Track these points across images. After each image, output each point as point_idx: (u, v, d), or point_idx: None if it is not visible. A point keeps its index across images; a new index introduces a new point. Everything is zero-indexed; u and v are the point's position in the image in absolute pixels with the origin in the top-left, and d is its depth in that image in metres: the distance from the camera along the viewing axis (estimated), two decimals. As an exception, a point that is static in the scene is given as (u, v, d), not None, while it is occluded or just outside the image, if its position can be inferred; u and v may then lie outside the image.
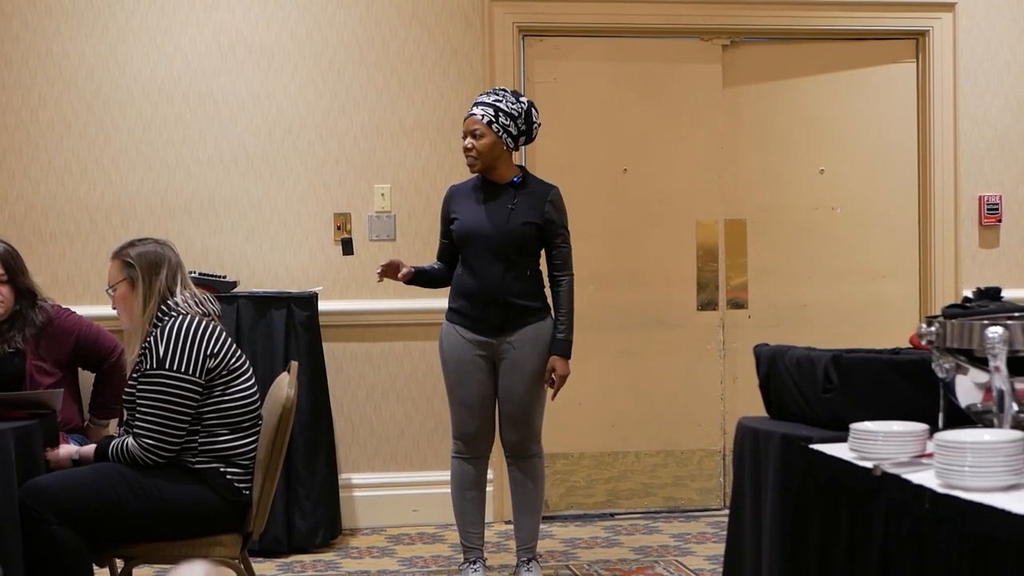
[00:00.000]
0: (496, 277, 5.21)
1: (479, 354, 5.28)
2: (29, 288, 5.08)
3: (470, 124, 5.23)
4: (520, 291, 5.25)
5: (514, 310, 5.24)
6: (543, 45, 6.82)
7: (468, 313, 5.27)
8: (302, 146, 6.62)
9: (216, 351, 4.26)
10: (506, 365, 5.28)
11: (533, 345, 5.27)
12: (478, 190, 5.32)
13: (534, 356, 5.27)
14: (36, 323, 5.04)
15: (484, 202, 5.27)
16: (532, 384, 5.29)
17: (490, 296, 5.22)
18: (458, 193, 5.38)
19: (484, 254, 5.22)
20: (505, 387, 5.30)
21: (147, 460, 4.19)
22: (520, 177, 5.30)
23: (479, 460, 5.42)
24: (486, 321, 5.25)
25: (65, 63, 6.46)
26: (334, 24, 6.62)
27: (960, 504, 2.67)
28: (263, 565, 5.88)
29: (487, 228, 5.21)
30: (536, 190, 5.32)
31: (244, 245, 6.58)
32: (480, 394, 5.31)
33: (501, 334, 5.26)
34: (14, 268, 5.04)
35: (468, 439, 5.37)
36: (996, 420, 3.04)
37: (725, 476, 6.93)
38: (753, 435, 3.83)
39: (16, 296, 5.04)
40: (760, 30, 6.97)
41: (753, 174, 7.01)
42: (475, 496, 5.43)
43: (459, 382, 5.32)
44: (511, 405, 5.30)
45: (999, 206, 7.06)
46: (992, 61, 7.06)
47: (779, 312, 7.03)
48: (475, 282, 5.24)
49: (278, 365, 5.98)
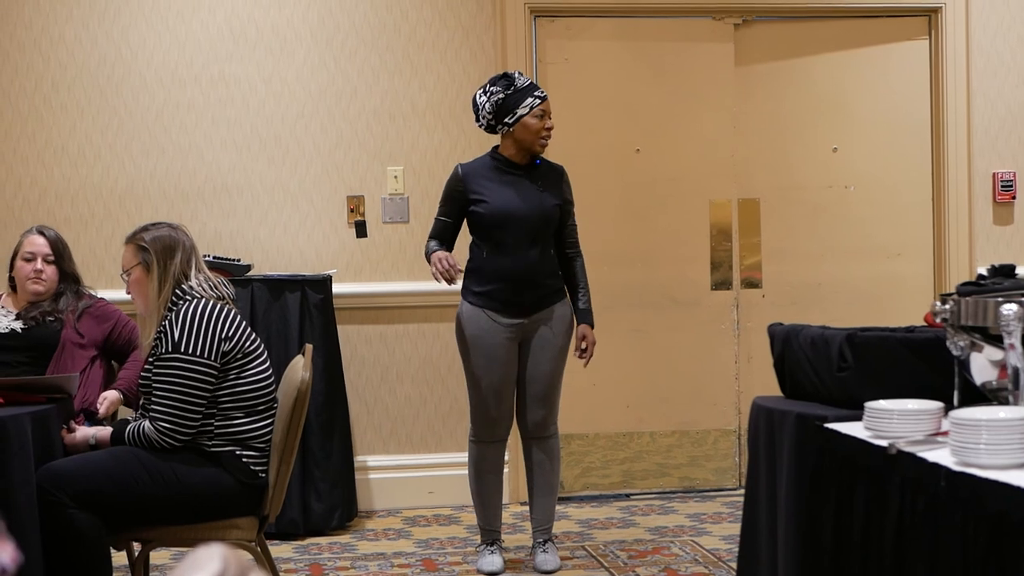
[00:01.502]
0: (533, 258, 5.27)
1: (509, 337, 5.31)
2: (74, 274, 5.39)
3: (549, 106, 5.34)
4: (550, 271, 5.35)
5: (546, 290, 5.33)
6: (555, 25, 6.81)
7: (501, 297, 5.28)
8: (315, 129, 6.62)
9: (231, 334, 4.27)
10: (536, 343, 5.33)
11: (560, 323, 5.37)
12: (499, 171, 5.33)
13: (561, 333, 5.37)
14: (77, 306, 5.27)
15: (511, 184, 5.30)
16: (559, 361, 5.39)
17: (527, 278, 5.27)
18: (475, 174, 5.36)
19: (522, 236, 5.26)
20: (533, 365, 5.34)
21: (163, 444, 4.20)
22: (540, 159, 5.38)
23: (498, 444, 5.44)
24: (521, 303, 5.28)
25: (78, 48, 6.47)
26: (345, 7, 6.62)
27: (975, 482, 2.67)
28: (279, 548, 5.90)
29: (524, 210, 5.26)
30: (551, 170, 5.42)
31: (258, 228, 6.59)
32: (507, 378, 5.35)
33: (532, 313, 5.31)
34: (61, 253, 5.35)
35: (491, 423, 5.39)
36: (1011, 398, 3.04)
37: (740, 456, 6.93)
38: (768, 414, 3.83)
39: (60, 278, 5.32)
40: (772, 8, 6.95)
41: (766, 153, 7.00)
42: (493, 480, 5.45)
43: (488, 367, 5.32)
44: (538, 383, 5.34)
45: (1013, 183, 7.04)
46: (1005, 38, 7.03)
47: (793, 291, 7.02)
48: (511, 264, 5.26)
49: (293, 348, 5.99)
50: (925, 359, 3.51)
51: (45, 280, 5.27)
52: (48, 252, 5.28)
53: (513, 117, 5.25)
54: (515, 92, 5.26)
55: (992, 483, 2.61)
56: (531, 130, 5.27)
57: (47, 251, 5.28)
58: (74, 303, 5.26)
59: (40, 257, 5.27)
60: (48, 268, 5.27)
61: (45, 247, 5.29)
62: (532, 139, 5.29)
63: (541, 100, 5.28)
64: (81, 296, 5.32)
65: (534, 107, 5.26)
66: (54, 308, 5.23)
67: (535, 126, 5.27)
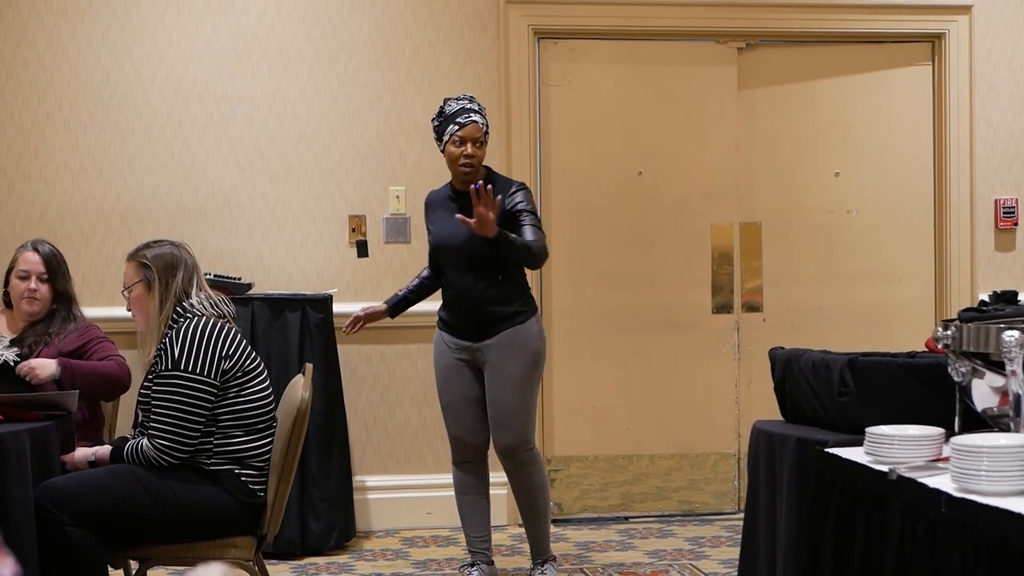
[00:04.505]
0: (468, 286, 5.25)
1: (460, 358, 5.33)
2: (67, 293, 5.29)
3: (473, 131, 5.19)
4: (494, 297, 5.24)
5: (490, 316, 5.26)
6: (558, 48, 6.82)
7: (449, 320, 5.35)
8: (317, 148, 6.62)
9: (231, 352, 4.26)
10: (488, 371, 5.31)
11: (511, 348, 5.26)
12: (449, 200, 5.33)
13: (514, 359, 5.27)
14: (67, 330, 5.18)
15: (451, 212, 5.20)
16: (515, 387, 5.28)
17: (465, 304, 5.27)
18: (434, 202, 5.43)
19: (456, 265, 5.26)
20: (488, 391, 5.32)
21: (161, 461, 4.20)
22: (482, 181, 5.11)
23: (471, 465, 5.45)
24: (464, 328, 5.30)
25: (81, 65, 6.48)
26: (349, 27, 6.63)
27: (976, 508, 2.66)
28: (277, 567, 5.89)
29: (455, 240, 5.22)
30: (500, 190, 5.16)
31: (259, 247, 6.59)
32: (463, 398, 5.35)
33: (481, 339, 5.28)
34: (56, 270, 5.27)
35: (457, 444, 5.43)
36: (1012, 424, 3.03)
37: (740, 480, 6.92)
38: (768, 438, 3.83)
39: (54, 297, 5.24)
40: (776, 33, 6.96)
41: (768, 177, 7.00)
42: (473, 500, 5.45)
43: (444, 387, 5.40)
44: (495, 410, 5.31)
45: (1015, 209, 7.04)
46: (1008, 64, 7.04)
47: (794, 315, 7.02)
48: (454, 291, 5.30)
49: (293, 367, 5.98)
50: (926, 385, 3.51)
51: (39, 300, 5.22)
52: (42, 270, 5.23)
53: (441, 145, 5.28)
54: (443, 120, 5.25)
55: (993, 509, 2.61)
56: (451, 157, 5.22)
57: (41, 269, 5.23)
58: (62, 327, 5.18)
59: (34, 276, 5.22)
60: (42, 287, 5.22)
61: (39, 265, 5.24)
62: (453, 167, 5.24)
63: (460, 127, 5.18)
64: (73, 319, 5.24)
65: (453, 134, 5.18)
66: (45, 332, 5.16)
67: (454, 154, 5.20)
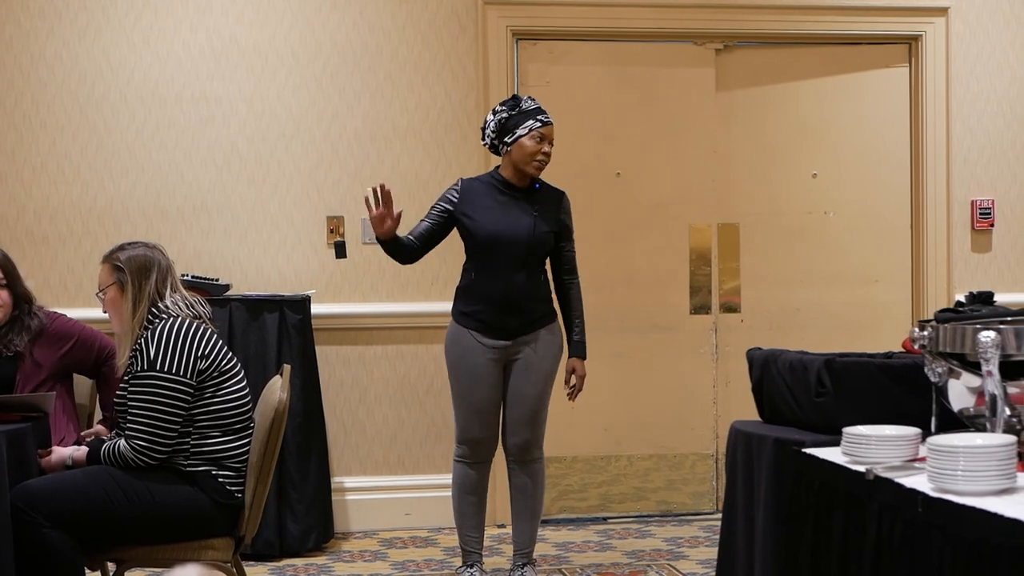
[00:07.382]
0: (520, 283, 5.23)
1: (493, 358, 5.28)
2: (25, 293, 5.11)
3: (550, 132, 5.31)
4: (539, 296, 5.30)
5: (532, 314, 5.27)
6: (537, 49, 6.82)
7: (486, 319, 5.26)
8: (295, 149, 6.61)
9: (207, 352, 4.25)
10: (519, 366, 5.29)
11: (547, 347, 5.32)
12: (496, 191, 5.32)
13: (548, 358, 5.32)
14: (32, 328, 5.04)
15: (504, 206, 5.27)
16: (544, 386, 5.34)
17: (513, 301, 5.24)
18: (473, 191, 5.35)
19: (510, 261, 5.22)
20: (516, 387, 5.30)
21: (138, 462, 4.18)
22: (539, 183, 5.35)
23: (482, 465, 5.42)
24: (505, 326, 5.25)
25: (58, 66, 6.46)
26: (327, 27, 6.62)
27: (953, 508, 2.67)
28: (255, 569, 5.88)
29: (513, 233, 5.22)
30: (550, 195, 5.37)
31: (237, 248, 6.57)
32: (491, 399, 5.31)
33: (517, 335, 5.27)
34: (12, 273, 5.07)
35: (474, 444, 5.36)
36: (988, 424, 3.04)
37: (718, 480, 6.93)
38: (746, 439, 3.83)
39: (14, 301, 5.06)
40: (753, 34, 6.97)
41: (746, 178, 7.01)
42: (476, 501, 5.43)
43: (471, 387, 5.30)
44: (521, 407, 5.30)
45: (991, 210, 7.07)
46: (985, 66, 7.07)
47: (772, 316, 7.03)
48: (498, 287, 5.23)
49: (271, 368, 5.97)
50: (903, 385, 3.51)
51: (2, 307, 5.01)
52: (0, 276, 5.02)
53: (512, 137, 5.25)
54: (519, 113, 5.27)
55: (969, 509, 2.61)
56: (526, 151, 5.24)
57: None
58: (29, 331, 4.98)
59: None
60: (2, 293, 5.01)
61: None
62: (526, 160, 5.25)
63: (542, 124, 5.27)
64: (34, 317, 5.05)
65: (534, 129, 5.24)
66: (9, 340, 4.97)
67: (530, 148, 5.24)
